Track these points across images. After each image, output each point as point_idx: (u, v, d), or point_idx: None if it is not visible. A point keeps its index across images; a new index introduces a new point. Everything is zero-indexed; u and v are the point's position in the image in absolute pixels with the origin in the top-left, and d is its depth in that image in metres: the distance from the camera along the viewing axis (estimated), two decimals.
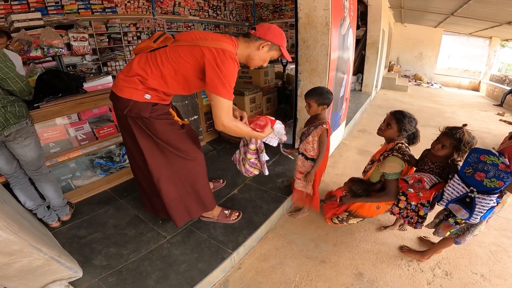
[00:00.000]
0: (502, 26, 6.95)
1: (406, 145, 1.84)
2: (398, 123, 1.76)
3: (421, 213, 1.71)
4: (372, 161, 1.99)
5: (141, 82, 1.41)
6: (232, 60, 1.38)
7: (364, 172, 2.06)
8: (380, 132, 1.89)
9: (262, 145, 1.81)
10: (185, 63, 1.39)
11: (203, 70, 1.38)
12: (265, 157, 1.80)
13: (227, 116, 1.44)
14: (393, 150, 1.76)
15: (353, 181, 2.03)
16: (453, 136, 1.53)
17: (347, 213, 2.05)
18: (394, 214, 1.88)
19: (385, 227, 2.12)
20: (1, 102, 1.54)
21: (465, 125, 1.54)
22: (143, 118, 1.47)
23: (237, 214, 2.04)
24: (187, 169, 1.70)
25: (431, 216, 1.76)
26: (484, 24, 7.23)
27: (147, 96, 1.44)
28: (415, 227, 1.77)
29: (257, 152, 1.84)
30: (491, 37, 9.81)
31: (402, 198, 1.77)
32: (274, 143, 1.80)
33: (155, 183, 1.65)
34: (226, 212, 2.03)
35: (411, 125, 1.77)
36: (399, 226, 2.12)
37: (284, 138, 1.82)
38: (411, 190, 1.69)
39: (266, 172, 1.86)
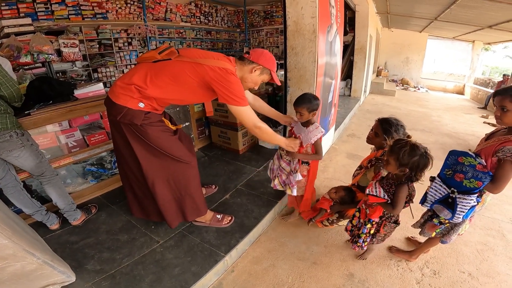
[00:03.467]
0: (484, 30, 7.20)
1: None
2: (385, 133, 1.75)
3: (360, 231, 1.73)
4: (360, 167, 2.05)
5: (138, 91, 1.48)
6: (234, 76, 1.53)
7: (354, 176, 2.13)
8: (369, 140, 1.93)
9: (297, 166, 1.93)
10: (190, 79, 1.49)
11: (207, 86, 1.51)
12: (298, 177, 1.92)
13: (254, 118, 1.65)
14: (380, 159, 1.81)
15: (343, 190, 2.07)
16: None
17: (337, 215, 2.10)
18: (347, 231, 1.88)
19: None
20: None
21: (409, 136, 1.51)
22: (136, 125, 1.51)
23: (230, 218, 2.07)
24: (181, 172, 1.74)
25: (417, 216, 1.81)
26: (467, 28, 7.48)
27: (141, 105, 1.50)
28: (352, 245, 1.83)
29: (290, 172, 1.99)
30: (473, 41, 10.16)
31: (357, 214, 1.80)
32: (298, 177, 1.96)
33: (149, 186, 1.68)
34: (219, 216, 2.05)
35: (398, 133, 1.74)
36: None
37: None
38: (363, 205, 1.74)
39: (294, 193, 1.99)
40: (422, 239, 1.94)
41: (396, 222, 1.65)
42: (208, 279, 1.66)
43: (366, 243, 1.75)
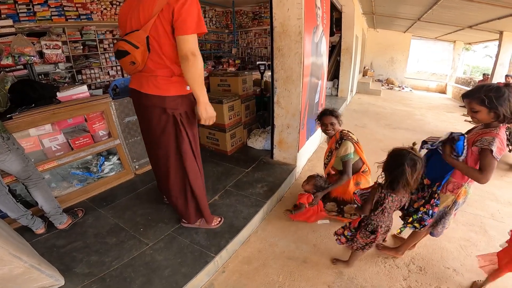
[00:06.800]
0: (464, 30, 7.46)
1: (347, 130, 2.26)
2: (337, 118, 2.23)
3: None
4: (329, 154, 2.30)
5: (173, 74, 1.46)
6: None
7: (325, 165, 2.39)
8: (331, 132, 2.25)
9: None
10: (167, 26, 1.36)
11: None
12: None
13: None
14: (342, 138, 2.17)
15: (313, 177, 2.26)
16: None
17: (335, 213, 2.24)
18: (342, 244, 1.85)
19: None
20: None
21: (414, 143, 1.55)
22: (186, 113, 1.57)
23: (219, 219, 2.07)
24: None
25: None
26: (448, 28, 7.74)
27: (188, 88, 1.50)
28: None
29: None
30: (455, 41, 10.51)
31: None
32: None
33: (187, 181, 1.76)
34: None
35: (340, 118, 2.23)
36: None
37: None
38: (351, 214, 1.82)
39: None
40: (406, 235, 1.97)
41: (373, 232, 1.62)
42: (199, 280, 1.66)
43: (347, 244, 1.79)
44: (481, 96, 1.40)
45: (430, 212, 1.63)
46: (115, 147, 2.56)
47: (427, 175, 1.65)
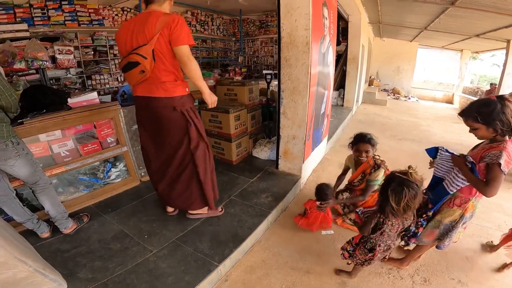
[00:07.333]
0: (471, 39, 7.38)
1: (378, 155, 2.28)
2: (373, 146, 2.22)
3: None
4: (362, 178, 2.29)
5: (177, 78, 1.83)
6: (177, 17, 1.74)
7: (352, 186, 2.40)
8: (363, 159, 2.25)
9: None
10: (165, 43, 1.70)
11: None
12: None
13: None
14: (378, 165, 2.18)
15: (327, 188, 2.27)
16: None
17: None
18: (345, 258, 1.83)
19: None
20: None
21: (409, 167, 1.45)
22: (189, 109, 1.89)
23: (221, 208, 2.33)
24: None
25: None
26: (455, 37, 7.69)
27: (187, 89, 1.89)
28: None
29: None
30: (462, 50, 10.40)
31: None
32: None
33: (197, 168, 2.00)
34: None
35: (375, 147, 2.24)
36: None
37: None
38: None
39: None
40: (411, 246, 1.96)
41: (371, 250, 1.60)
42: None
43: (349, 259, 1.77)
44: (473, 114, 1.40)
45: (413, 230, 1.68)
46: (122, 154, 2.59)
47: (431, 201, 1.67)
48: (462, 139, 5.33)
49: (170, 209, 2.27)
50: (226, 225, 2.14)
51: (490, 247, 2.12)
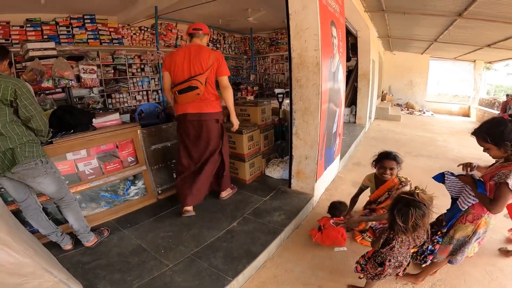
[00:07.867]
0: (483, 49, 7.26)
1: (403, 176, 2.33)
2: (398, 164, 2.28)
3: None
4: (387, 196, 2.31)
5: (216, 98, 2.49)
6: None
7: (375, 203, 2.42)
8: (387, 176, 2.27)
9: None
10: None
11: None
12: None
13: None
14: (404, 184, 2.22)
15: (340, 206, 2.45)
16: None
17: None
18: (358, 272, 1.85)
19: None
20: (21, 139, 1.64)
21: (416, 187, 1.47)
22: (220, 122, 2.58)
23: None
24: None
25: None
26: (466, 48, 7.59)
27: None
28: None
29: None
30: (475, 61, 10.14)
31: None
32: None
33: (223, 160, 2.69)
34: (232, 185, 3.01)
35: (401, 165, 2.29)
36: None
37: None
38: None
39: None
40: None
41: (381, 265, 1.61)
42: None
43: (361, 273, 1.77)
44: (483, 135, 1.42)
45: (430, 247, 1.69)
46: (141, 172, 2.72)
47: (446, 219, 1.72)
48: (480, 153, 5.09)
49: (188, 207, 2.50)
50: (240, 241, 2.19)
51: (505, 252, 2.15)
